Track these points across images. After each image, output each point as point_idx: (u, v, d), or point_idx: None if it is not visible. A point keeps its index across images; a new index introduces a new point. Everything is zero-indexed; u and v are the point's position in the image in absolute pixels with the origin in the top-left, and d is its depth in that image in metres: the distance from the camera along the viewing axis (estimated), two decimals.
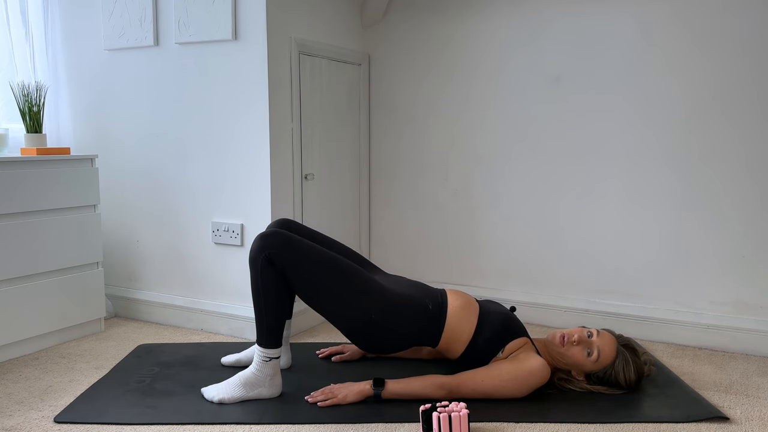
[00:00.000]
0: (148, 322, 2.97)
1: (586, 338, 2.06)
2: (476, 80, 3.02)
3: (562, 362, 2.10)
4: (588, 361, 2.05)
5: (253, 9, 2.56)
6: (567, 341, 2.06)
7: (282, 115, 2.67)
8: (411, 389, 2.00)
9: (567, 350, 2.06)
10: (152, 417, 1.93)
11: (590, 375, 2.08)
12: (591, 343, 2.05)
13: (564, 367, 2.11)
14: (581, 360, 2.05)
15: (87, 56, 2.99)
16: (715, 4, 2.54)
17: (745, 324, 2.57)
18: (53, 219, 2.57)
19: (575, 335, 2.06)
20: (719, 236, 2.61)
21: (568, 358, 2.07)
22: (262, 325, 2.02)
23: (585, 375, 2.09)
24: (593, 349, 2.04)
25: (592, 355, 2.04)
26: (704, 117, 2.60)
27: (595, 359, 2.04)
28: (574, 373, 2.09)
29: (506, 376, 1.99)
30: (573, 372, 2.09)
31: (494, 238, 3.04)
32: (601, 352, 2.04)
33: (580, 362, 2.06)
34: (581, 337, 2.06)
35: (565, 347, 2.06)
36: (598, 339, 2.06)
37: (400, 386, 2.01)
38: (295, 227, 2.27)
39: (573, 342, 2.05)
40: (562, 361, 2.10)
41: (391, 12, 3.18)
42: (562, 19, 2.81)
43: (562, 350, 2.07)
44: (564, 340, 2.07)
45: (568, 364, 2.09)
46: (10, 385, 2.20)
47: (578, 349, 2.05)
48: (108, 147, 2.98)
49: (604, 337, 2.08)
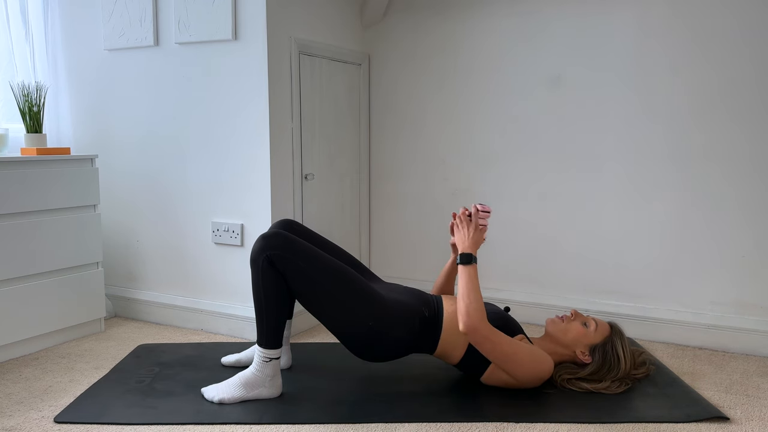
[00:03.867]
0: (148, 322, 2.97)
1: (582, 314, 2.22)
2: (476, 80, 3.02)
3: (564, 346, 2.15)
4: (588, 332, 2.14)
5: (253, 9, 2.56)
6: (565, 318, 2.18)
7: (282, 115, 2.67)
8: (470, 289, 2.00)
9: (567, 326, 2.16)
10: (152, 417, 1.93)
11: (594, 348, 2.12)
12: (586, 318, 2.20)
13: (567, 352, 2.15)
14: (582, 332, 2.14)
15: (87, 56, 2.99)
16: (714, 4, 2.54)
17: (745, 324, 2.57)
18: (53, 219, 2.57)
19: (570, 312, 2.20)
20: (719, 236, 2.61)
21: (569, 333, 2.14)
22: (263, 326, 2.02)
23: (589, 350, 2.13)
24: (590, 322, 2.17)
25: (590, 326, 2.15)
26: (704, 117, 2.60)
27: (594, 328, 2.15)
28: (578, 353, 2.13)
29: (527, 350, 2.05)
30: (577, 351, 2.13)
31: (494, 238, 3.04)
32: (598, 323, 2.17)
33: (581, 334, 2.14)
34: (576, 313, 2.20)
35: (565, 323, 2.17)
36: (590, 317, 2.21)
37: (469, 282, 2.01)
38: (297, 229, 2.27)
39: (571, 317, 2.18)
40: (564, 343, 2.14)
41: (391, 12, 3.18)
42: (562, 18, 2.81)
43: (562, 327, 2.16)
44: (563, 317, 2.18)
45: (572, 341, 2.14)
46: (10, 385, 2.20)
47: (576, 323, 2.16)
48: (108, 147, 2.98)
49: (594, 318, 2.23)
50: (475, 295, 1.99)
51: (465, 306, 1.97)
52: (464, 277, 2.03)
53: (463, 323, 1.96)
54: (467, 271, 2.03)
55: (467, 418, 1.92)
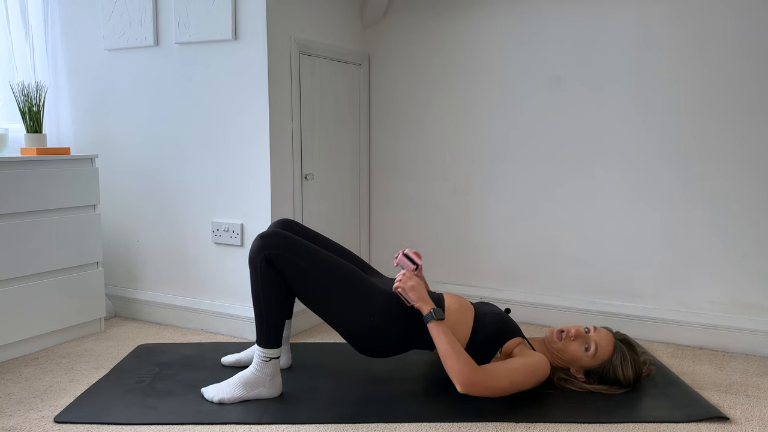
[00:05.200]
0: (148, 322, 2.97)
1: (583, 333, 2.08)
2: (476, 80, 3.02)
3: (560, 359, 2.11)
4: (586, 356, 2.05)
5: (252, 9, 2.56)
6: (564, 337, 2.07)
7: (282, 115, 2.67)
8: (449, 350, 1.92)
9: (565, 346, 2.08)
10: (152, 417, 1.93)
11: (589, 371, 2.08)
12: (588, 338, 2.07)
13: (563, 364, 2.11)
14: (579, 355, 2.06)
15: (87, 56, 2.99)
16: (714, 4, 2.54)
17: (745, 324, 2.57)
18: (53, 219, 2.57)
19: (572, 330, 2.08)
20: (719, 236, 2.61)
21: (566, 354, 2.08)
22: (262, 326, 2.02)
23: (584, 372, 2.08)
24: (590, 344, 2.05)
25: (590, 350, 2.04)
26: (704, 117, 2.60)
27: (593, 354, 2.04)
28: (573, 371, 2.10)
29: (522, 370, 1.98)
30: (572, 369, 2.10)
31: (494, 238, 3.04)
32: (598, 347, 2.05)
33: (578, 357, 2.06)
34: (578, 333, 2.07)
35: (563, 342, 2.08)
36: (595, 334, 2.08)
37: (446, 340, 1.93)
38: (296, 228, 2.27)
39: (570, 337, 2.07)
40: (560, 357, 2.10)
41: (391, 12, 3.18)
42: (562, 18, 2.81)
43: (559, 345, 2.08)
44: (561, 335, 2.08)
45: (567, 360, 2.09)
46: (10, 385, 2.20)
47: (576, 344, 2.06)
48: (108, 147, 2.98)
49: (600, 332, 2.09)
50: (458, 350, 1.92)
51: (453, 367, 1.90)
52: (439, 336, 1.94)
53: (460, 384, 1.90)
54: (438, 328, 1.95)
55: (467, 418, 1.92)
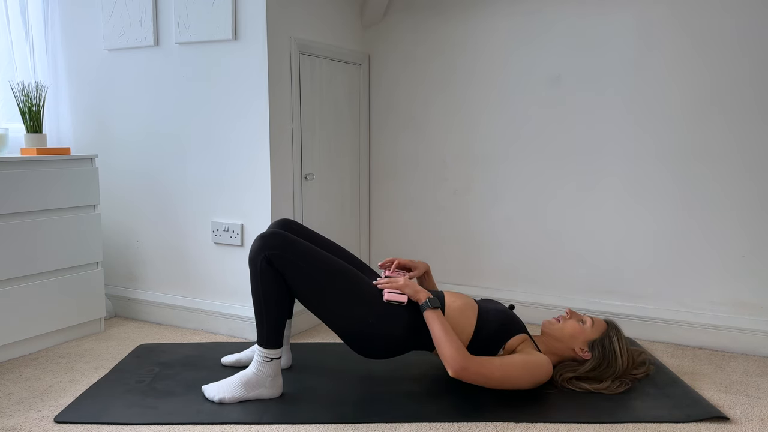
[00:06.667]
0: (148, 322, 2.97)
1: (577, 313, 2.23)
2: (476, 80, 3.02)
3: (562, 346, 2.15)
4: (585, 328, 2.15)
5: (253, 9, 2.56)
6: (561, 318, 2.20)
7: (282, 115, 2.67)
8: (442, 335, 1.98)
9: (563, 325, 2.17)
10: (152, 417, 1.93)
11: (593, 343, 2.12)
12: (582, 316, 2.21)
13: (566, 351, 2.15)
14: (579, 329, 2.15)
15: (87, 56, 2.99)
16: (714, 5, 2.54)
17: (745, 324, 2.57)
18: (53, 219, 2.57)
19: (567, 311, 2.22)
20: (719, 236, 2.61)
21: (566, 331, 2.15)
22: (263, 326, 2.02)
23: (588, 345, 2.13)
24: (586, 319, 2.18)
25: (587, 323, 2.16)
26: (704, 117, 2.60)
27: (590, 325, 2.16)
28: (577, 350, 2.13)
29: (520, 365, 2.03)
30: (576, 348, 2.13)
31: (494, 238, 3.04)
32: (594, 320, 2.18)
33: (578, 331, 2.15)
34: (571, 311, 2.22)
35: (561, 323, 2.18)
36: (587, 317, 2.23)
37: (440, 326, 1.99)
38: (295, 228, 2.27)
39: (566, 316, 2.20)
40: (562, 341, 2.15)
41: (391, 12, 3.18)
42: (562, 19, 2.81)
43: (558, 326, 2.17)
44: (559, 318, 2.20)
45: (569, 338, 2.14)
46: (10, 385, 2.20)
47: (572, 321, 2.18)
48: (108, 147, 2.98)
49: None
50: (451, 337, 1.97)
51: (445, 351, 1.96)
52: (434, 323, 2.00)
53: (451, 369, 1.94)
54: (433, 315, 2.02)
55: (467, 418, 1.92)
